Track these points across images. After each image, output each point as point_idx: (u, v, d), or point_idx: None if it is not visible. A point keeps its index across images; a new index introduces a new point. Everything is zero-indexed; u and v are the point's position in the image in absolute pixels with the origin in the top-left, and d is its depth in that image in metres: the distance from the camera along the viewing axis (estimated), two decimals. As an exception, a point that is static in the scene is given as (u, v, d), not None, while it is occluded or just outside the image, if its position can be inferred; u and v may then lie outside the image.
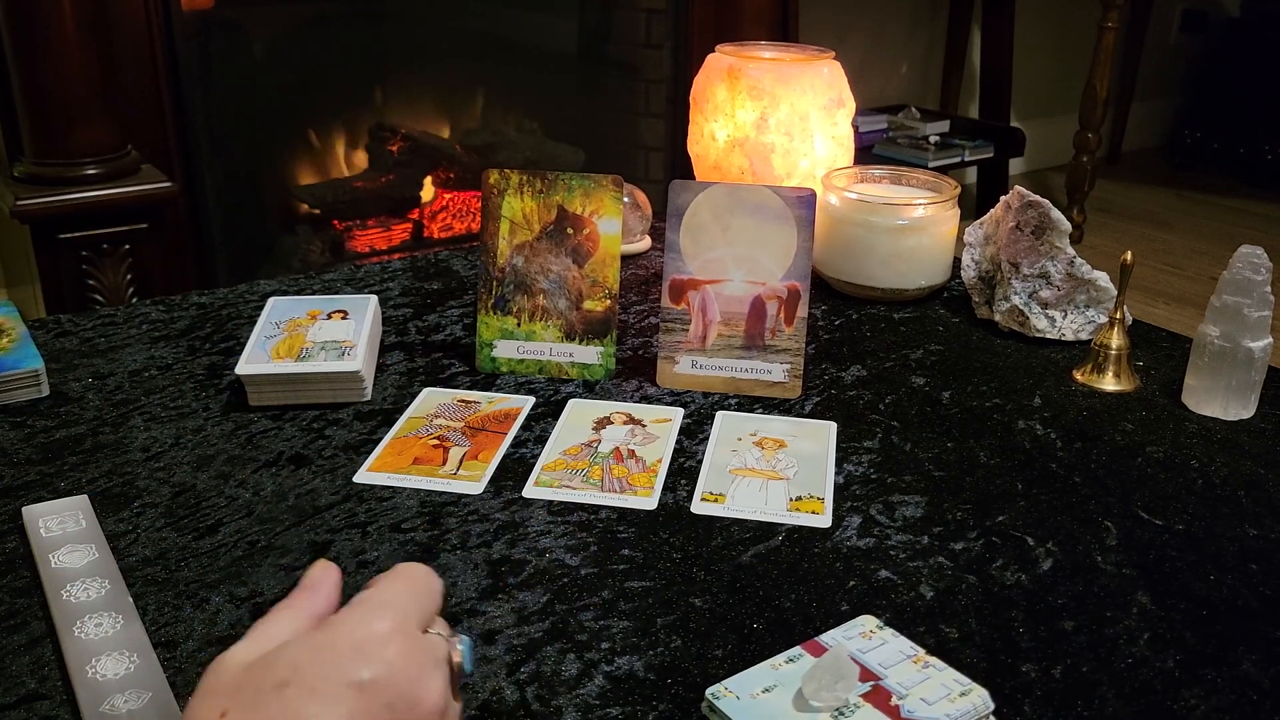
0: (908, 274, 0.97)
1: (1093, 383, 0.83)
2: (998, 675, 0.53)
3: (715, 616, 0.57)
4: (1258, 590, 0.60)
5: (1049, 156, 3.73)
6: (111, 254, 1.72)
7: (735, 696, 0.49)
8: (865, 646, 0.52)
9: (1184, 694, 0.52)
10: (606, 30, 2.69)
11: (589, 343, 0.84)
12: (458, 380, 0.84)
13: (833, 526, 0.65)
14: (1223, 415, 0.78)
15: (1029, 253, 0.89)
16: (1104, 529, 0.65)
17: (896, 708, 0.48)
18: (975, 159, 3.19)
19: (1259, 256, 0.76)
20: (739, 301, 0.82)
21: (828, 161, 1.07)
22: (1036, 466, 0.72)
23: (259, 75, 2.34)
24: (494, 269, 0.85)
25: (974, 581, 0.60)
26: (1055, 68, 3.67)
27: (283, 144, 2.41)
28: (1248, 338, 0.76)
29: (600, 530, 0.65)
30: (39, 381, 0.80)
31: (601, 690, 0.52)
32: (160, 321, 0.94)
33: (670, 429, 0.77)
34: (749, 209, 0.81)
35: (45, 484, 0.68)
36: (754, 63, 1.06)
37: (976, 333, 0.93)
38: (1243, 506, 0.68)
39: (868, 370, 0.86)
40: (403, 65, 2.54)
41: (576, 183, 0.84)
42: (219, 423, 0.76)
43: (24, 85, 1.66)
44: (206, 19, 2.14)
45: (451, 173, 2.57)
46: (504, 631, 0.56)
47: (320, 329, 0.83)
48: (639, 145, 2.68)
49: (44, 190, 1.66)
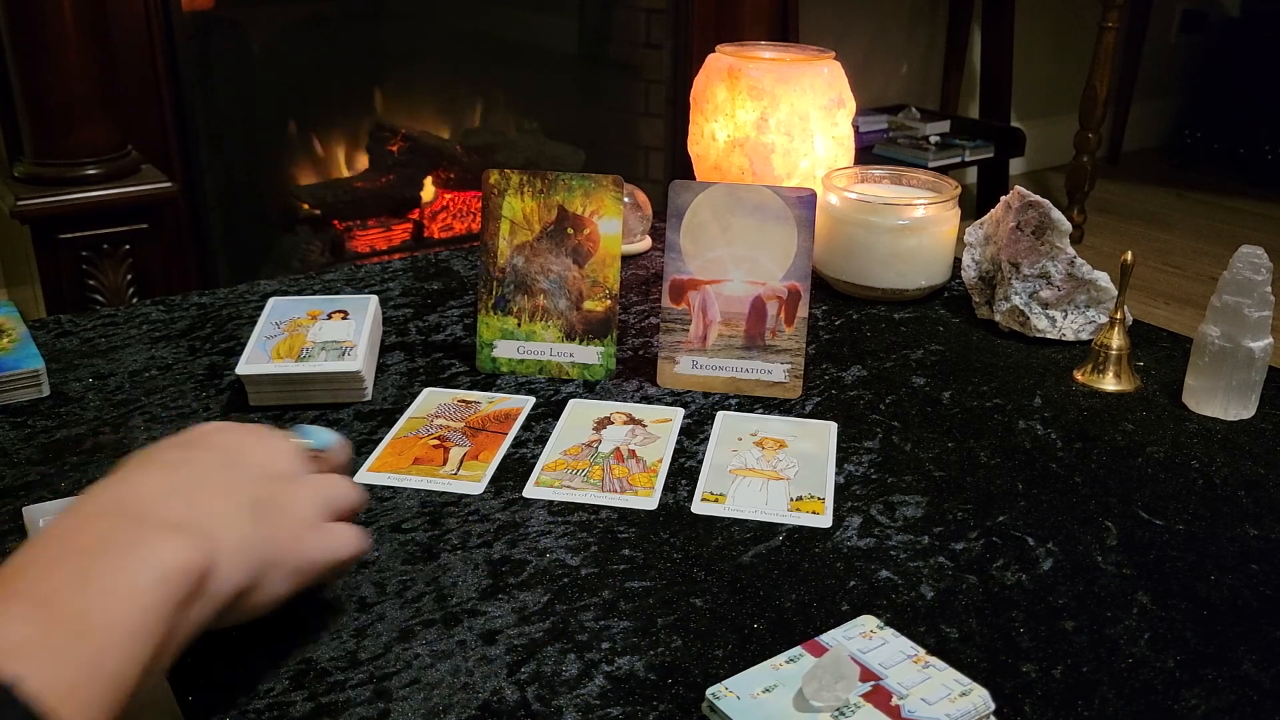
0: (908, 274, 0.97)
1: (1093, 383, 0.83)
2: (998, 675, 0.53)
3: (716, 616, 0.57)
4: (1258, 590, 0.60)
5: (1049, 156, 3.73)
6: (111, 254, 1.72)
7: (735, 696, 0.49)
8: (865, 646, 0.52)
9: (1184, 694, 0.52)
10: (606, 30, 2.69)
11: (589, 343, 0.84)
12: (458, 380, 0.84)
13: (833, 526, 0.65)
14: (1223, 415, 0.78)
15: (1029, 253, 0.89)
16: (1104, 529, 0.65)
17: (897, 708, 0.48)
18: (975, 159, 3.19)
19: (1259, 256, 0.76)
20: (739, 301, 0.82)
21: (828, 161, 1.07)
22: (1037, 466, 0.72)
23: (259, 75, 2.34)
24: (494, 269, 0.85)
25: (974, 581, 0.60)
26: (1055, 68, 3.68)
27: (283, 144, 2.41)
28: (1248, 338, 0.76)
29: (601, 530, 0.65)
30: (39, 381, 0.80)
31: (602, 690, 0.52)
32: (160, 321, 0.94)
33: (670, 429, 0.77)
34: (749, 209, 0.81)
35: (46, 484, 0.68)
36: (754, 63, 1.06)
37: (977, 333, 0.93)
38: (1243, 506, 0.68)
39: (868, 370, 0.86)
40: (403, 65, 2.54)
41: (576, 183, 0.84)
42: (219, 423, 0.76)
43: (24, 85, 1.66)
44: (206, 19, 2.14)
45: (451, 173, 2.57)
46: (504, 631, 0.56)
47: (320, 329, 0.83)
48: (639, 145, 2.68)
49: (44, 190, 1.67)
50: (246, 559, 0.47)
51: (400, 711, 0.50)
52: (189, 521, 0.45)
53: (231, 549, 0.46)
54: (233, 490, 0.49)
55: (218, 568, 0.45)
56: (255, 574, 0.47)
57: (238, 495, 0.49)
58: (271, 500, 0.50)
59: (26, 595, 0.39)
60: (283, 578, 0.49)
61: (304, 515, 0.51)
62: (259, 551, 0.48)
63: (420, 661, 0.53)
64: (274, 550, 0.49)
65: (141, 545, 0.42)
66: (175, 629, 0.42)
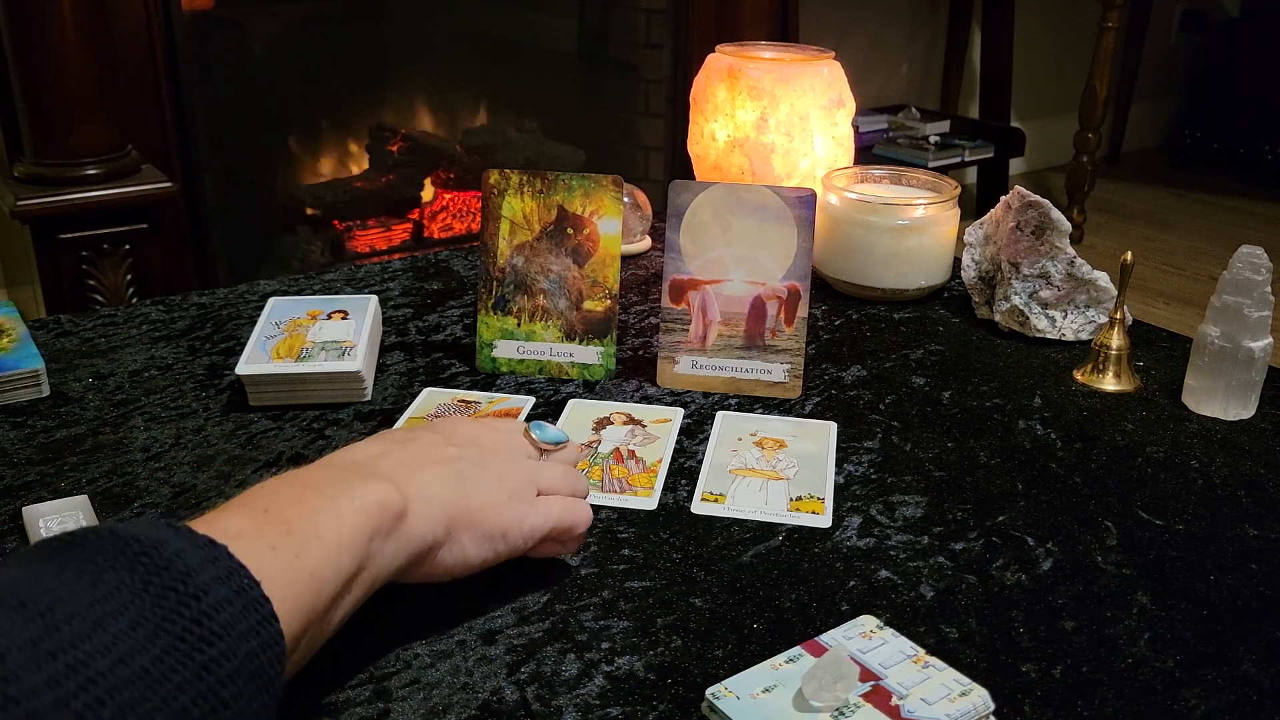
0: (908, 274, 0.97)
1: (1093, 383, 0.83)
2: (998, 675, 0.53)
3: (715, 616, 0.57)
4: (1258, 590, 0.60)
5: (1049, 156, 3.73)
6: (111, 254, 1.72)
7: (735, 696, 0.49)
8: (865, 646, 0.52)
9: (1184, 694, 0.52)
10: (606, 30, 2.69)
11: (589, 343, 0.84)
12: (458, 380, 0.84)
13: (833, 526, 0.65)
14: (1223, 415, 0.78)
15: (1029, 253, 0.89)
16: (1104, 529, 0.65)
17: (897, 708, 0.48)
18: (975, 159, 3.19)
19: (1259, 256, 0.76)
20: (739, 301, 0.82)
21: (828, 161, 1.07)
22: (1036, 466, 0.72)
23: (259, 75, 2.34)
24: (494, 269, 0.85)
25: (974, 581, 0.60)
26: (1055, 68, 3.68)
27: (283, 144, 2.41)
28: (1248, 338, 0.76)
29: (600, 530, 0.65)
30: (39, 381, 0.80)
31: (602, 690, 0.52)
32: (160, 321, 0.94)
33: (670, 429, 0.77)
34: (749, 209, 0.81)
35: (45, 484, 0.68)
36: (754, 63, 1.06)
37: (976, 333, 0.93)
38: (1243, 506, 0.68)
39: (868, 370, 0.86)
40: (403, 65, 2.54)
41: (576, 183, 0.84)
42: (219, 423, 0.77)
43: (24, 85, 1.66)
44: (206, 19, 2.14)
45: (451, 173, 2.57)
46: (504, 631, 0.56)
47: (320, 329, 0.83)
48: (639, 145, 2.68)
49: (44, 190, 1.67)
50: (439, 512, 0.52)
51: (400, 711, 0.50)
52: (391, 475, 0.51)
53: (425, 500, 0.52)
54: (441, 461, 0.55)
55: (410, 513, 0.51)
56: (447, 528, 0.53)
57: (445, 465, 0.54)
58: (479, 471, 0.55)
59: (250, 504, 0.47)
60: (474, 541, 0.54)
61: (511, 487, 0.56)
62: (452, 509, 0.53)
63: (420, 661, 0.53)
64: (467, 512, 0.53)
65: (349, 487, 0.49)
66: (371, 557, 0.49)
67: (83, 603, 0.37)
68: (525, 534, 0.56)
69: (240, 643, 0.40)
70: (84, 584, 0.38)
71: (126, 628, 0.37)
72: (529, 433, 0.60)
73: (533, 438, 0.60)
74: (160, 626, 0.38)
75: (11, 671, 0.34)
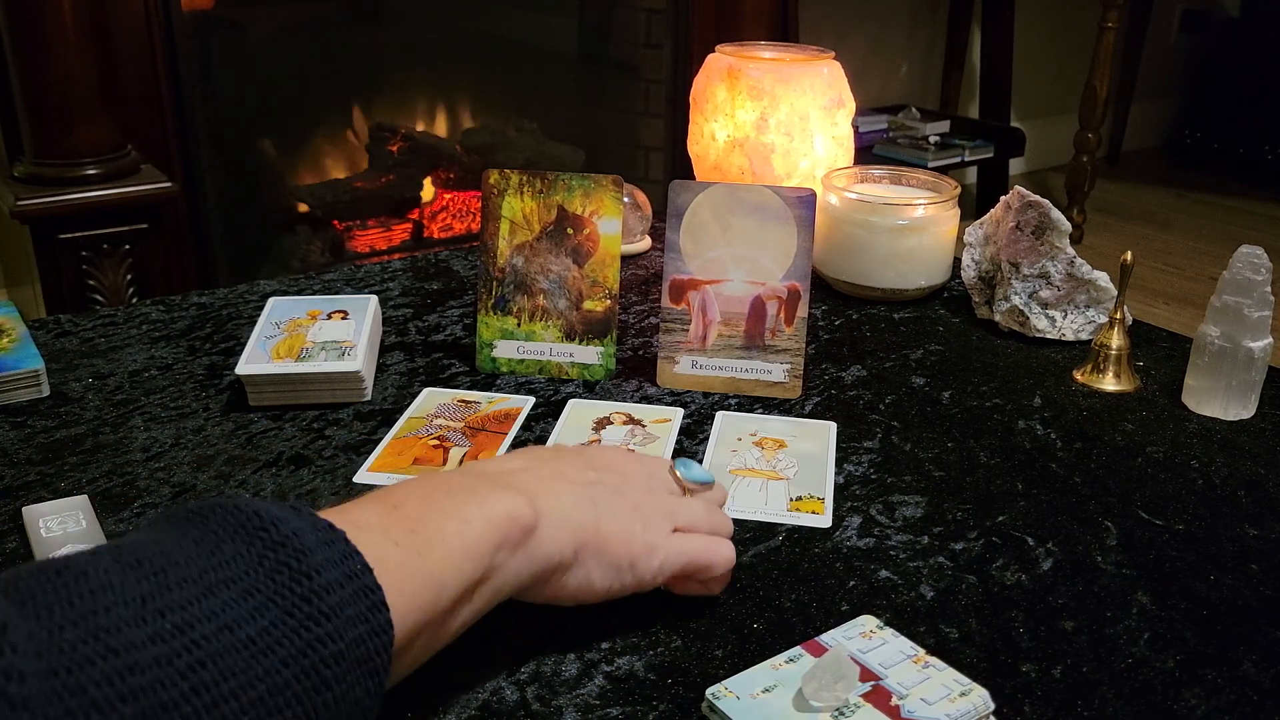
0: (908, 274, 0.97)
1: (1093, 383, 0.83)
2: (998, 675, 0.53)
3: (715, 616, 0.57)
4: (1258, 590, 0.60)
5: (1049, 156, 3.73)
6: (111, 254, 1.72)
7: (735, 696, 0.49)
8: (865, 646, 0.52)
9: (1184, 694, 0.52)
10: (606, 30, 2.69)
11: (589, 343, 0.84)
12: (458, 380, 0.84)
13: (833, 526, 0.65)
14: (1223, 415, 0.78)
15: (1029, 253, 0.89)
16: (1104, 529, 0.65)
17: (897, 708, 0.48)
18: (975, 159, 3.19)
19: (1259, 256, 0.76)
20: (739, 301, 0.82)
21: (828, 161, 1.07)
22: (1036, 466, 0.72)
23: (259, 75, 2.34)
24: (494, 269, 0.85)
25: (974, 581, 0.60)
26: (1055, 68, 3.68)
27: (283, 144, 2.41)
28: (1248, 338, 0.76)
29: (600, 530, 0.64)
30: (39, 381, 0.80)
31: (602, 690, 0.52)
32: (160, 321, 0.94)
33: (670, 429, 0.77)
34: (749, 209, 0.81)
35: (45, 484, 0.68)
36: (754, 63, 1.06)
37: (976, 333, 0.93)
38: (1243, 506, 0.68)
39: (868, 370, 0.86)
40: (403, 65, 2.54)
41: (576, 183, 0.84)
42: (219, 423, 0.77)
43: (24, 85, 1.66)
44: (206, 19, 2.14)
45: (451, 173, 2.57)
46: (504, 631, 0.56)
47: (320, 329, 0.83)
48: (639, 145, 2.68)
49: (44, 190, 1.67)
50: (569, 533, 0.52)
51: (400, 712, 0.50)
52: (526, 489, 0.51)
53: (556, 519, 0.51)
54: (579, 483, 0.54)
55: (540, 530, 0.50)
56: (575, 550, 0.52)
57: (582, 487, 0.54)
58: (614, 497, 0.54)
59: (382, 500, 0.48)
60: (600, 567, 0.53)
61: (645, 518, 0.55)
62: (582, 533, 0.52)
63: (420, 661, 0.53)
64: (597, 537, 0.53)
65: (482, 495, 0.49)
66: (496, 568, 0.48)
67: (197, 568, 0.38)
68: (655, 568, 0.54)
69: (348, 626, 0.40)
70: (202, 551, 0.39)
71: (237, 596, 0.38)
72: (674, 470, 0.59)
73: (677, 475, 0.59)
74: (270, 599, 0.39)
75: (115, 624, 0.35)
